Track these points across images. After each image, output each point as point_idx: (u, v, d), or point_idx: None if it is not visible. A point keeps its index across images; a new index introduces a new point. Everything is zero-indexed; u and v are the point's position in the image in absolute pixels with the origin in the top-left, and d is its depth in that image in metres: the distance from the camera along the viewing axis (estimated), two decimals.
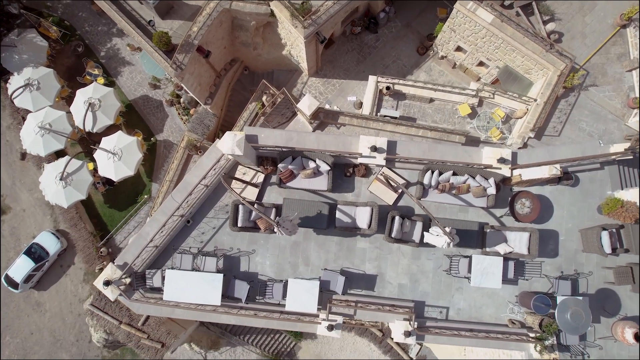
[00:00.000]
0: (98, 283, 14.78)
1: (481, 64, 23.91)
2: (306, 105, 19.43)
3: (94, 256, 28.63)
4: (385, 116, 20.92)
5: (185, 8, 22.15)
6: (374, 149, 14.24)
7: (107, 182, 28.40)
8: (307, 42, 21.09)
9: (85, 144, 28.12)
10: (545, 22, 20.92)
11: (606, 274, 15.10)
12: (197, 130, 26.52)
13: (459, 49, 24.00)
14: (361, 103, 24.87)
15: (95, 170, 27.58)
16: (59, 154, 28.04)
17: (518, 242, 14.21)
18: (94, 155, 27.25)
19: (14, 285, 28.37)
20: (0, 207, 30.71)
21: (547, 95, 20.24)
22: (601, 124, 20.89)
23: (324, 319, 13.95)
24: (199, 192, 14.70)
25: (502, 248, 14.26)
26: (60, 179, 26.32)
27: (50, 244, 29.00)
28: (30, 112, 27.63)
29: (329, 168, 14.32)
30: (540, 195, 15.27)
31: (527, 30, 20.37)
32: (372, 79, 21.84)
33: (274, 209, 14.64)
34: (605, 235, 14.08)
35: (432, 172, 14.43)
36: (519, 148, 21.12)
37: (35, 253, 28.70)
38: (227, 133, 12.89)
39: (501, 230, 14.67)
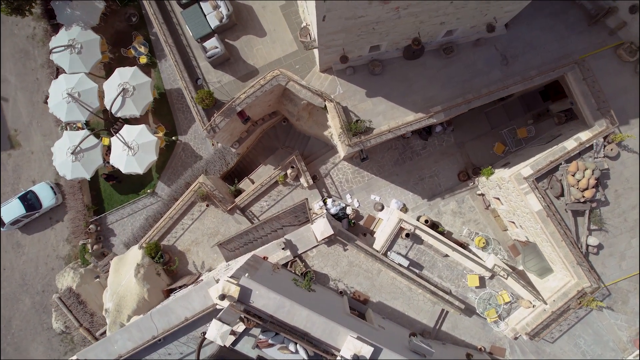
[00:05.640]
0: None
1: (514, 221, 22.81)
2: (320, 230, 18.87)
3: (81, 229, 28.90)
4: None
5: (240, 64, 20.74)
6: (356, 358, 13.87)
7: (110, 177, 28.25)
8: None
9: (108, 118, 27.41)
10: (590, 231, 19.65)
11: None
12: (216, 163, 25.80)
13: (498, 198, 22.79)
14: (382, 207, 24.00)
15: (109, 147, 27.28)
16: None
17: None
18: (111, 140, 26.85)
19: (1, 223, 28.87)
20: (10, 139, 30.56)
21: (559, 306, 19.48)
22: (599, 348, 20.24)
23: None
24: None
25: None
26: (72, 153, 26.11)
27: (46, 196, 29.21)
28: (64, 71, 26.97)
29: (306, 358, 14.04)
30: None
31: (567, 235, 19.22)
32: (397, 214, 20.91)
33: None
34: None
35: None
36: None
37: (30, 201, 28.98)
38: (215, 321, 12.45)
39: None
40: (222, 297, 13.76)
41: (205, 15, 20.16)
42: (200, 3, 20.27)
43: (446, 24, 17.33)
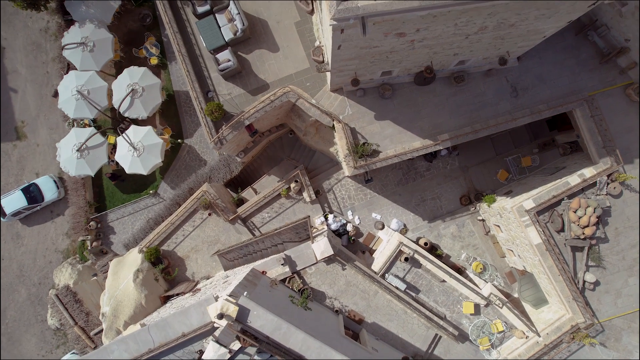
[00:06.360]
0: None
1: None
2: (320, 249, 19.01)
3: (82, 225, 29.00)
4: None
5: (252, 78, 20.82)
6: None
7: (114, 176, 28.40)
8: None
9: (116, 117, 27.52)
10: (588, 267, 19.79)
11: None
12: (221, 171, 25.92)
13: (499, 225, 22.91)
14: (383, 225, 24.13)
15: (114, 146, 27.37)
16: None
17: None
18: (117, 139, 26.93)
19: (2, 214, 28.98)
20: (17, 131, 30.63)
21: (552, 339, 19.63)
22: None
23: None
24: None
25: None
26: (77, 150, 26.18)
27: (49, 190, 29.30)
28: (75, 67, 27.05)
29: None
30: None
31: (564, 270, 19.37)
32: (397, 237, 21.04)
33: None
34: None
35: None
36: None
37: (32, 193, 29.07)
38: (212, 343, 12.59)
39: None
40: (221, 316, 13.91)
41: (219, 27, 20.24)
42: (216, 15, 20.35)
43: (459, 55, 17.45)
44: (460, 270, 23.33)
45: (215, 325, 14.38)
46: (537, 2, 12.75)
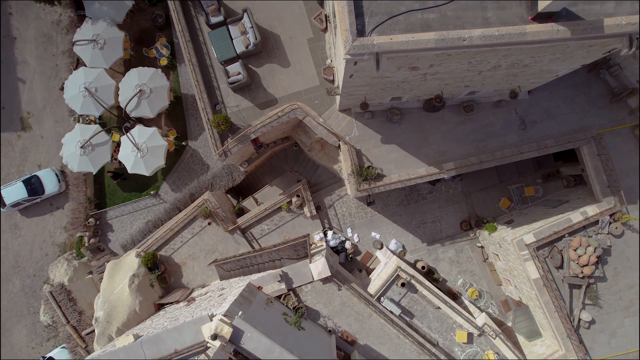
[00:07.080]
0: None
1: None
2: (317, 270, 18.99)
3: (81, 221, 28.95)
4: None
5: (261, 92, 20.74)
6: None
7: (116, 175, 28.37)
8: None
9: (121, 115, 27.46)
10: (585, 305, 19.76)
11: None
12: (223, 178, 25.87)
13: (497, 254, 22.88)
14: (382, 245, 24.09)
15: (118, 144, 27.34)
16: None
17: None
18: (121, 138, 26.88)
19: (2, 204, 28.95)
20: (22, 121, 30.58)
21: None
22: None
23: None
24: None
25: None
26: (81, 147, 26.11)
27: (50, 183, 29.25)
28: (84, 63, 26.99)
29: None
30: None
31: (560, 308, 19.33)
32: (395, 261, 20.99)
33: None
34: None
35: None
36: None
37: (33, 185, 29.03)
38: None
39: None
40: (214, 336, 13.89)
41: (232, 39, 20.15)
42: (229, 26, 20.27)
43: (470, 87, 17.39)
44: (455, 296, 23.31)
45: (208, 345, 14.38)
46: (553, 47, 12.69)
